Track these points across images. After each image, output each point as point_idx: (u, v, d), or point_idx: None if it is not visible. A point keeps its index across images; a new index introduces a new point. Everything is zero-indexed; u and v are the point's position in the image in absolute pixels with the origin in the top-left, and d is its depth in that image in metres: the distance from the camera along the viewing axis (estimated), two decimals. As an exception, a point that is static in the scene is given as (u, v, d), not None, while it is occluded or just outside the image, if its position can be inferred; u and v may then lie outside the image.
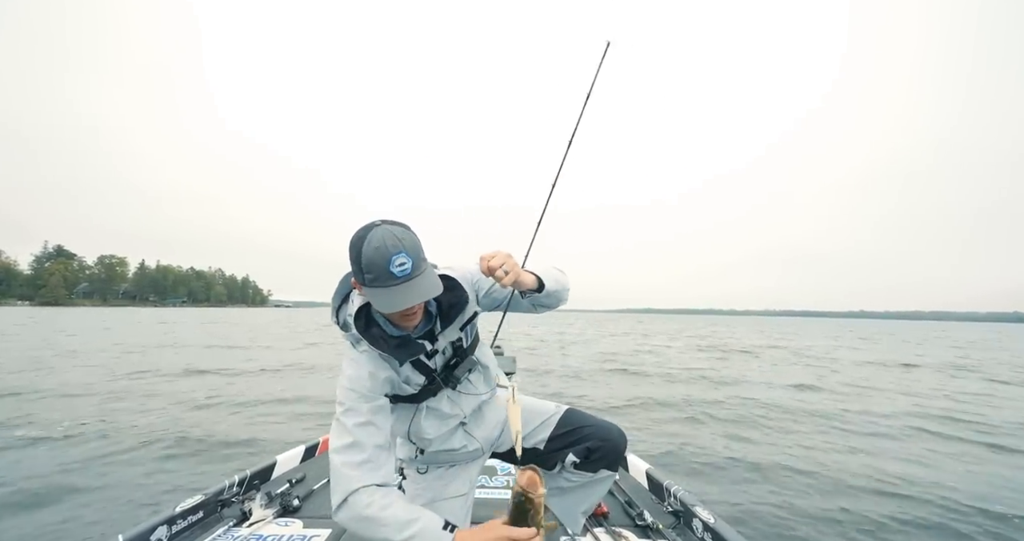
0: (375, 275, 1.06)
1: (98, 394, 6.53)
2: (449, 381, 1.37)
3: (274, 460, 2.44)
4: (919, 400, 7.54)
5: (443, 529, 1.04)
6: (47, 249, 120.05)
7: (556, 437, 1.48)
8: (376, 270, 1.05)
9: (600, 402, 6.91)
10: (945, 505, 3.24)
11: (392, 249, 1.04)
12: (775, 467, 3.99)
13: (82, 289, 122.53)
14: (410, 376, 1.29)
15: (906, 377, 10.63)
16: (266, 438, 4.50)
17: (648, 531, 1.91)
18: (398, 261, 1.04)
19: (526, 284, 1.23)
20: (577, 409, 1.56)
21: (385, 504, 1.05)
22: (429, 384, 1.32)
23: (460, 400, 1.40)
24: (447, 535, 1.02)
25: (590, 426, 1.47)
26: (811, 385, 8.85)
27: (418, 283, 1.08)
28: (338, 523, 1.10)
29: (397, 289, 1.06)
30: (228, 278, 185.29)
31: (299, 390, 7.24)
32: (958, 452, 4.67)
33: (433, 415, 1.37)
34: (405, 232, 1.10)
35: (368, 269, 1.06)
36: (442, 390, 1.36)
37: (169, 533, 1.75)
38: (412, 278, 1.07)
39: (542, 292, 1.29)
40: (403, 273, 1.05)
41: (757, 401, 7.11)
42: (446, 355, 1.36)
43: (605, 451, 1.44)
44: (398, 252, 1.04)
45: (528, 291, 1.28)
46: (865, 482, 3.70)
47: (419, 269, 1.09)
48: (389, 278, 1.05)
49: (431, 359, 1.32)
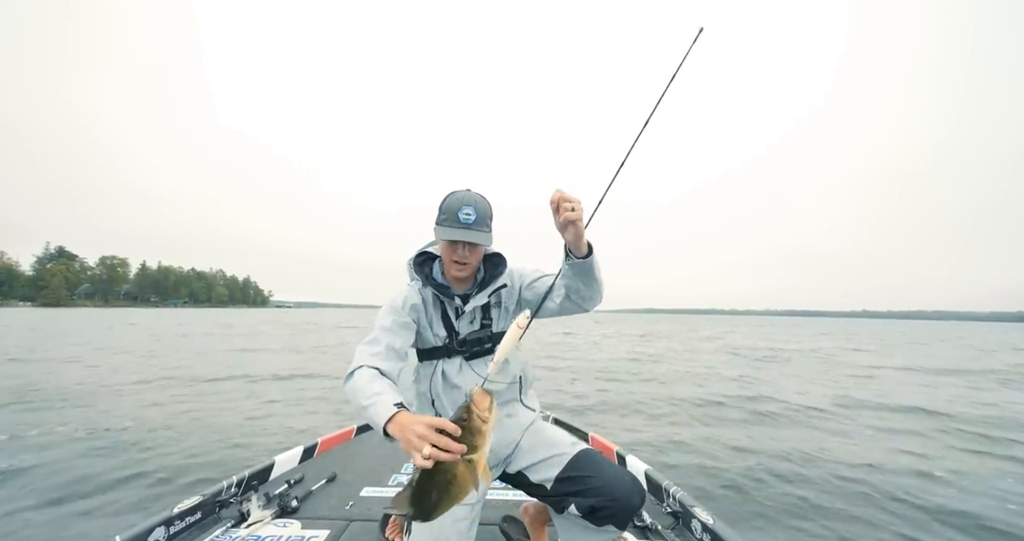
0: (446, 216, 1.40)
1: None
2: (463, 346, 1.50)
3: (272, 461, 2.44)
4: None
5: (392, 408, 1.13)
6: (49, 250, 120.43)
7: (564, 479, 1.39)
8: (448, 213, 1.40)
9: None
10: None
11: (465, 201, 1.40)
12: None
13: (83, 290, 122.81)
14: (435, 323, 1.52)
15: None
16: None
17: (647, 532, 1.91)
18: (466, 210, 1.38)
19: (581, 239, 1.27)
20: (593, 452, 1.44)
21: (369, 378, 1.25)
22: (448, 343, 1.50)
23: (468, 374, 1.50)
24: (389, 412, 1.11)
25: (600, 478, 1.34)
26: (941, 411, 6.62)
27: (474, 232, 1.40)
28: (345, 391, 1.30)
29: (457, 230, 1.39)
30: (229, 279, 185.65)
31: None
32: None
33: (442, 377, 1.50)
34: (483, 198, 1.45)
35: (444, 211, 1.42)
36: (456, 354, 1.50)
37: (167, 534, 1.75)
38: (471, 228, 1.39)
39: (587, 259, 1.31)
40: (466, 221, 1.38)
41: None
42: (473, 325, 1.53)
43: (613, 511, 1.32)
44: (469, 205, 1.39)
45: (573, 254, 1.31)
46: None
47: (481, 224, 1.41)
48: (455, 221, 1.39)
49: (458, 319, 1.52)
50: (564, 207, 1.22)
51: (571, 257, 1.32)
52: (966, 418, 6.25)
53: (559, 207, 1.22)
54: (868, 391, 8.43)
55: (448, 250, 1.44)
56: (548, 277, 1.55)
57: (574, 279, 1.37)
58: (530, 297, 1.56)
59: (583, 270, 1.33)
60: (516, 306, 1.59)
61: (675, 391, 7.94)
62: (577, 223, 1.23)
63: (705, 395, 7.56)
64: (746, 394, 7.68)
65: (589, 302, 1.43)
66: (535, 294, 1.54)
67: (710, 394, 7.66)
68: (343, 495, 2.25)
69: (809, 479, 3.79)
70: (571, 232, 1.25)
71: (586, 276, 1.35)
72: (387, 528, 1.86)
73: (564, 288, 1.41)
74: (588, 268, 1.33)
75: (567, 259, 1.33)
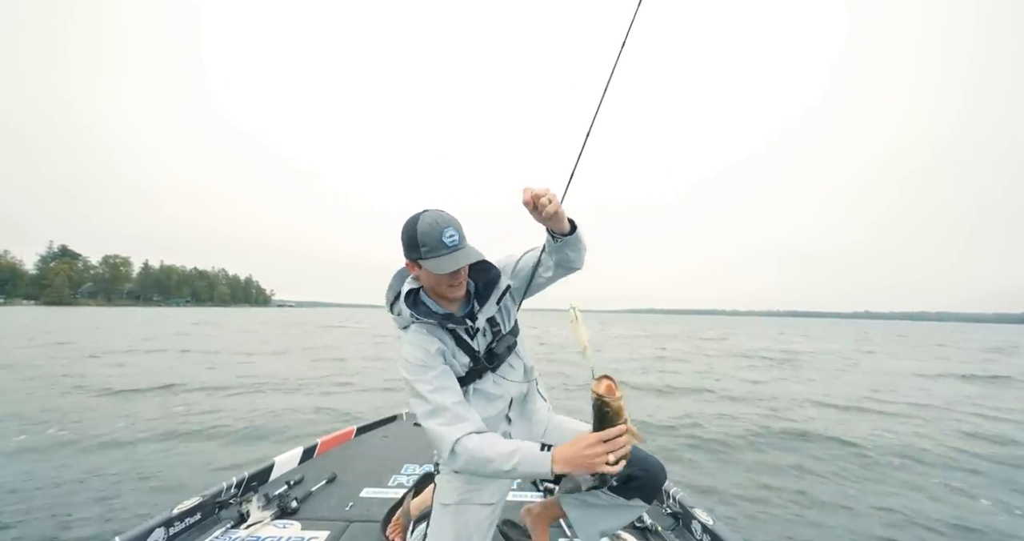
0: (430, 247, 1.29)
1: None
2: (492, 361, 1.48)
3: (272, 462, 2.44)
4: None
5: (541, 451, 1.17)
6: (52, 249, 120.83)
7: None
8: (431, 241, 1.29)
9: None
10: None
11: (443, 223, 1.30)
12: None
13: (86, 289, 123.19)
14: (456, 354, 1.44)
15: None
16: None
17: (647, 533, 1.91)
18: (448, 233, 1.29)
19: (563, 221, 1.31)
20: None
21: (487, 443, 1.21)
22: (475, 365, 1.46)
23: (504, 384, 1.50)
24: (546, 455, 1.14)
25: (634, 451, 1.37)
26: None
27: (466, 250, 1.33)
28: (456, 470, 1.28)
29: (450, 255, 1.30)
30: (231, 278, 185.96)
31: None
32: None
33: (480, 397, 1.47)
34: (449, 215, 1.36)
35: (424, 242, 1.30)
36: (487, 372, 1.48)
37: (167, 535, 1.75)
38: (460, 248, 1.31)
39: (574, 234, 1.35)
40: (453, 243, 1.30)
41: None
42: (487, 337, 1.49)
43: (644, 481, 1.40)
44: (448, 226, 1.30)
45: (559, 235, 1.35)
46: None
47: (464, 241, 1.34)
48: (442, 247, 1.29)
49: (473, 339, 1.47)
50: (542, 203, 1.24)
51: (557, 238, 1.36)
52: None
53: (536, 205, 1.25)
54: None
55: (444, 278, 1.35)
56: (528, 255, 1.54)
57: (562, 251, 1.41)
58: (517, 285, 1.55)
59: (573, 242, 1.38)
60: (510, 300, 1.57)
61: (740, 415, 6.48)
62: (558, 212, 1.27)
63: (779, 423, 6.06)
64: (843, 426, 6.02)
65: (579, 262, 1.47)
66: (521, 280, 1.54)
67: (786, 420, 6.24)
68: (343, 496, 2.25)
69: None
70: (554, 222, 1.29)
71: (575, 245, 1.40)
72: (388, 528, 1.86)
73: (551, 261, 1.45)
74: (577, 239, 1.38)
75: (555, 240, 1.37)
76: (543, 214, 1.26)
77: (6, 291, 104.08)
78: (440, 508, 1.48)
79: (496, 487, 1.50)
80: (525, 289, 1.54)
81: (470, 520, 1.42)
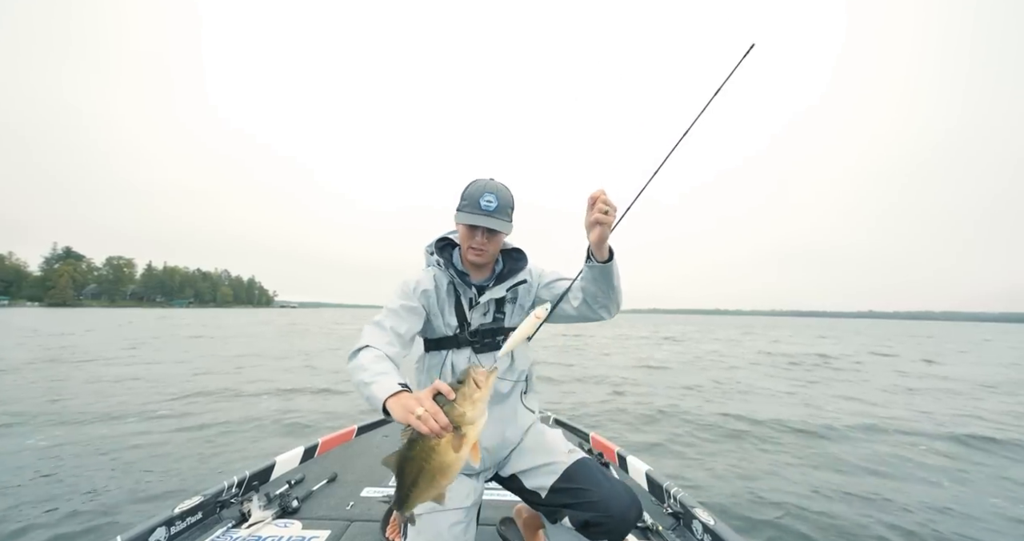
0: (467, 202, 1.42)
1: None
2: (474, 337, 1.48)
3: (273, 461, 2.44)
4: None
5: (398, 385, 1.13)
6: (56, 250, 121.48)
7: (559, 490, 1.38)
8: (470, 199, 1.41)
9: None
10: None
11: (488, 188, 1.41)
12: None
13: (90, 290, 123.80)
14: (447, 312, 1.49)
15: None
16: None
17: (648, 533, 1.90)
18: (487, 197, 1.40)
19: (604, 243, 1.29)
20: (590, 463, 1.43)
21: (375, 358, 1.24)
22: (459, 333, 1.48)
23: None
24: (397, 387, 1.11)
25: (595, 492, 1.32)
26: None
27: (494, 219, 1.39)
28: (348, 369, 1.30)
29: (477, 216, 1.39)
30: (234, 279, 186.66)
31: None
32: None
33: (451, 368, 1.47)
34: (505, 187, 1.46)
35: (466, 197, 1.43)
36: (467, 347, 1.47)
37: (168, 534, 1.75)
38: (492, 215, 1.39)
39: (608, 264, 1.32)
40: (487, 207, 1.39)
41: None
42: (486, 317, 1.51)
43: (608, 527, 1.30)
44: (491, 192, 1.40)
45: (594, 257, 1.32)
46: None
47: (501, 213, 1.41)
48: (476, 207, 1.40)
49: (472, 310, 1.49)
50: (599, 207, 1.23)
51: (592, 259, 1.33)
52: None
53: (595, 204, 1.24)
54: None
55: (467, 236, 1.44)
56: (566, 280, 1.54)
57: (592, 284, 1.37)
58: (546, 297, 1.55)
59: (602, 274, 1.34)
60: (531, 304, 1.58)
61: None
62: (604, 226, 1.25)
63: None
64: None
65: (605, 310, 1.44)
66: (552, 295, 1.53)
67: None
68: (344, 495, 2.26)
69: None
70: (597, 232, 1.26)
71: (605, 282, 1.35)
72: (388, 528, 1.86)
73: (582, 292, 1.42)
74: (607, 273, 1.33)
75: (587, 261, 1.35)
76: (593, 217, 1.24)
77: (10, 293, 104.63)
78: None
79: (467, 489, 1.45)
80: (556, 303, 1.50)
81: (442, 529, 1.36)
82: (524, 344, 1.53)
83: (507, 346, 1.23)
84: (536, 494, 1.43)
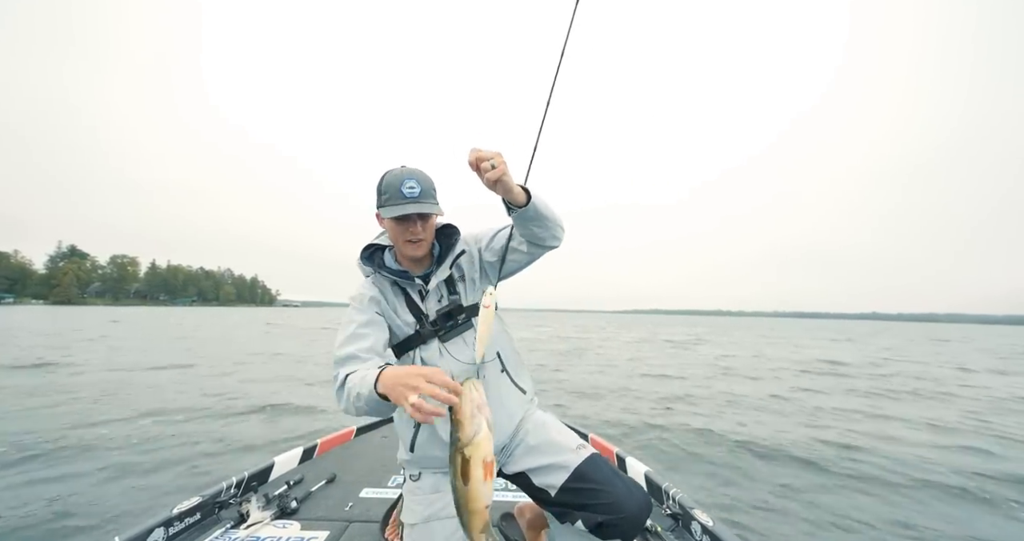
0: (389, 195, 1.32)
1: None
2: (436, 325, 1.41)
3: (272, 462, 2.44)
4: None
5: (377, 367, 1.11)
6: (61, 249, 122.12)
7: (569, 490, 1.32)
8: (391, 190, 1.32)
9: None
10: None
11: (405, 175, 1.33)
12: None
13: (94, 288, 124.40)
14: (400, 311, 1.43)
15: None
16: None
17: (647, 534, 1.89)
18: (408, 184, 1.31)
19: (513, 190, 1.20)
20: (600, 460, 1.37)
21: (355, 376, 1.17)
22: (420, 329, 1.41)
23: (448, 359, 1.40)
24: (377, 370, 1.09)
25: (607, 491, 1.27)
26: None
27: (423, 203, 1.32)
28: (345, 411, 1.22)
29: (405, 204, 1.31)
30: (237, 278, 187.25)
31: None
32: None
33: (421, 365, 1.38)
34: (421, 171, 1.37)
35: (384, 191, 1.34)
36: (433, 339, 1.41)
37: (166, 535, 1.75)
38: (419, 200, 1.32)
39: (528, 207, 1.23)
40: (411, 195, 1.31)
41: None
42: (441, 302, 1.44)
43: (621, 528, 1.25)
44: (410, 178, 1.32)
45: (513, 205, 1.24)
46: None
47: (427, 196, 1.33)
48: (400, 197, 1.31)
49: (424, 301, 1.44)
50: (484, 167, 1.15)
51: (513, 210, 1.26)
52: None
53: (478, 167, 1.16)
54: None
55: (399, 230, 1.35)
56: (503, 231, 1.47)
57: (525, 227, 1.31)
58: (492, 258, 1.47)
59: (530, 217, 1.27)
60: (481, 273, 1.50)
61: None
62: (503, 178, 1.16)
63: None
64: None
65: (552, 240, 1.37)
66: (495, 254, 1.46)
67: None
68: (343, 496, 2.25)
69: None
70: (500, 188, 1.18)
71: (537, 221, 1.29)
72: (387, 529, 1.85)
73: (523, 237, 1.36)
74: (534, 213, 1.26)
75: (510, 213, 1.28)
76: (485, 179, 1.16)
77: (15, 291, 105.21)
78: (407, 529, 1.41)
79: None
80: (500, 265, 1.44)
81: (438, 538, 1.33)
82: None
83: (479, 348, 1.16)
84: (546, 492, 1.37)
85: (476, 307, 1.39)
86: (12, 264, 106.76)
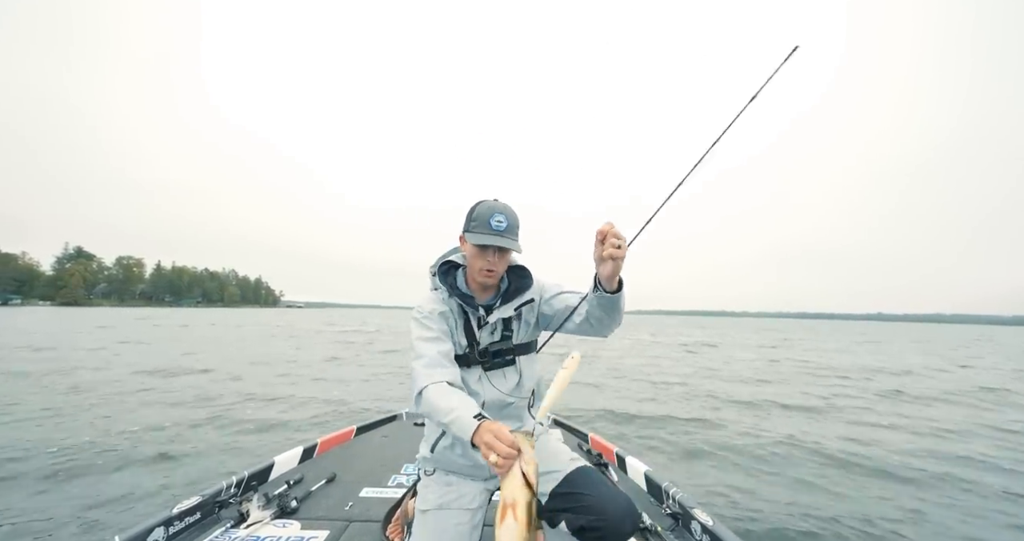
0: (478, 223, 1.44)
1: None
2: (484, 357, 1.51)
3: (272, 461, 2.45)
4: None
5: (474, 417, 1.19)
6: (68, 250, 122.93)
7: (558, 495, 1.39)
8: (480, 220, 1.44)
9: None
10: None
11: (496, 209, 1.44)
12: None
13: (100, 290, 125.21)
14: (456, 332, 1.52)
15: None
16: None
17: (646, 533, 1.89)
18: (497, 218, 1.43)
19: (615, 276, 1.28)
20: (589, 470, 1.44)
21: (441, 394, 1.29)
22: (469, 352, 1.51)
23: (486, 385, 1.51)
24: (474, 424, 1.17)
25: (593, 496, 1.32)
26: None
27: (506, 238, 1.43)
28: (419, 412, 1.35)
29: (489, 236, 1.42)
30: (241, 279, 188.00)
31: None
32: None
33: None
34: (510, 207, 1.49)
35: (475, 218, 1.45)
36: (477, 367, 1.51)
37: (166, 534, 1.76)
38: (502, 234, 1.43)
39: (616, 296, 1.32)
40: (498, 227, 1.43)
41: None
42: (494, 336, 1.54)
43: (603, 533, 1.28)
44: (500, 213, 1.44)
45: (603, 289, 1.32)
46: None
47: (511, 232, 1.45)
48: (487, 228, 1.43)
49: (480, 330, 1.52)
50: (611, 242, 1.22)
51: (600, 289, 1.32)
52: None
53: (605, 239, 1.23)
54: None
55: (478, 256, 1.46)
56: (568, 294, 1.56)
57: (599, 309, 1.38)
58: (548, 312, 1.57)
59: (610, 303, 1.34)
60: (536, 320, 1.60)
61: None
62: (618, 261, 1.24)
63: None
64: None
65: (608, 330, 1.46)
66: (553, 309, 1.56)
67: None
68: (343, 496, 2.26)
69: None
70: (609, 267, 1.25)
71: (612, 309, 1.36)
72: (388, 528, 1.85)
73: (587, 313, 1.44)
74: (614, 304, 1.34)
75: (596, 291, 1.34)
76: (604, 252, 1.23)
77: (23, 292, 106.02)
78: (419, 515, 1.49)
79: (475, 492, 1.50)
80: (557, 323, 1.55)
81: (449, 525, 1.42)
82: (531, 360, 1.60)
83: (545, 405, 1.25)
84: (538, 499, 1.45)
85: (525, 346, 1.58)
86: (20, 266, 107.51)
